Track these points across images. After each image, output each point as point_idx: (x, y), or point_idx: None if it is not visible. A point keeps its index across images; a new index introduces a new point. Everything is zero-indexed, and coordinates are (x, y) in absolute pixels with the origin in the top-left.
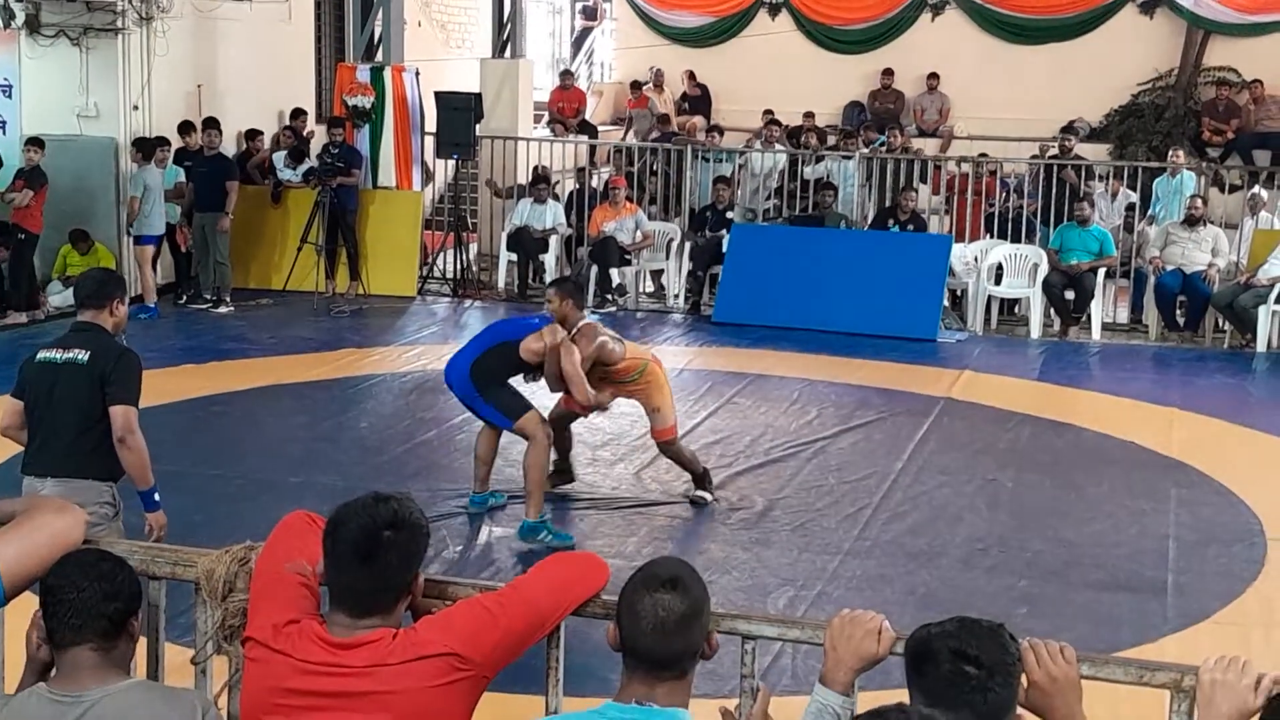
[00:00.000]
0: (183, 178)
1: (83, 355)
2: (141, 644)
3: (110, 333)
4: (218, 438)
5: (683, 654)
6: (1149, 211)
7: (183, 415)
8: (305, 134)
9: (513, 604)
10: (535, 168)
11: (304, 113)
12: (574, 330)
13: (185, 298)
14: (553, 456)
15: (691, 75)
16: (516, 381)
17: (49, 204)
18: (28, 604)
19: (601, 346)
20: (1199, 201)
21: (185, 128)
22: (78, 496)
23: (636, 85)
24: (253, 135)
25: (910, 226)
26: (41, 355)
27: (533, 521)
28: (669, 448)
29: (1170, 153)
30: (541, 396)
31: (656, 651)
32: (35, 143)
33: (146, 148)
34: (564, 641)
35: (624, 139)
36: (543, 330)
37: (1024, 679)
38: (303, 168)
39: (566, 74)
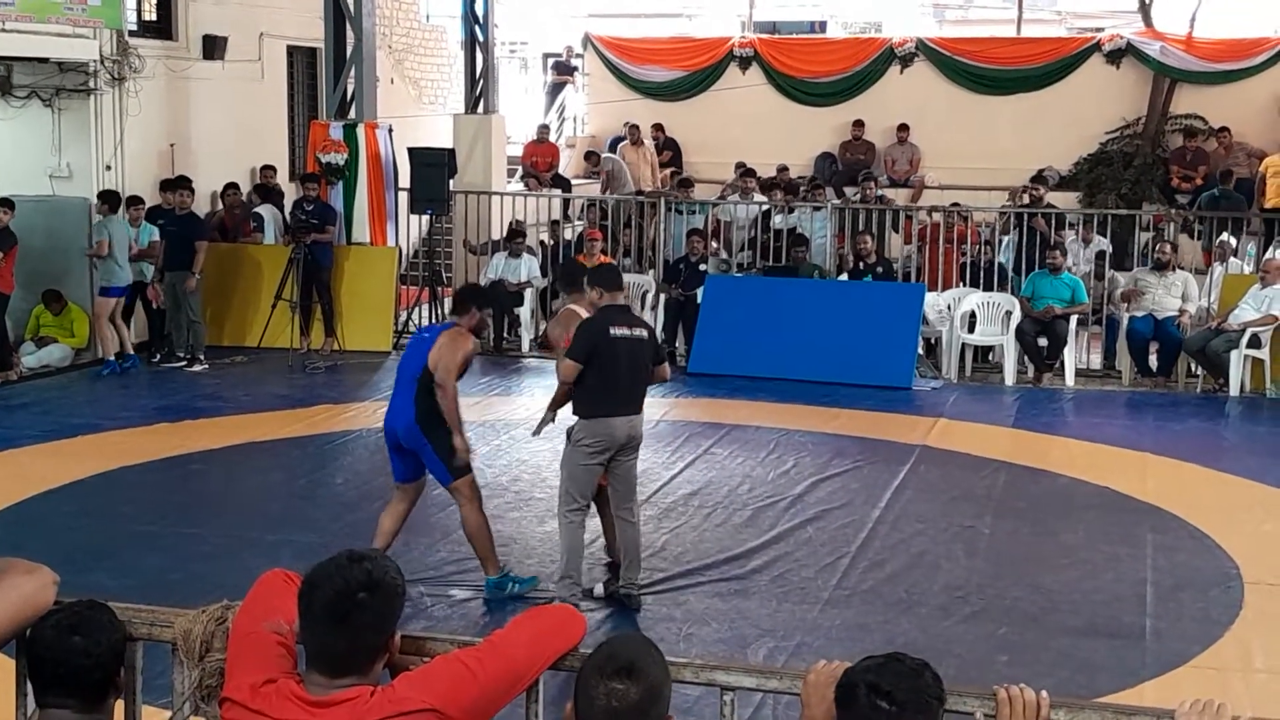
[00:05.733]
0: (157, 236)
1: (642, 331)
2: (119, 706)
3: None
4: (193, 496)
5: None
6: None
7: (158, 474)
8: (272, 185)
9: (491, 659)
10: (511, 222)
11: (272, 168)
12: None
13: (159, 356)
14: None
15: (659, 128)
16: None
17: (22, 264)
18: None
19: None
20: (1168, 246)
21: (167, 184)
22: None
23: (591, 155)
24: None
25: (879, 269)
26: (614, 331)
27: (495, 578)
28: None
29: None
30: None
31: None
32: (4, 203)
33: (112, 199)
34: (542, 696)
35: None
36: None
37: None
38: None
39: (544, 128)
